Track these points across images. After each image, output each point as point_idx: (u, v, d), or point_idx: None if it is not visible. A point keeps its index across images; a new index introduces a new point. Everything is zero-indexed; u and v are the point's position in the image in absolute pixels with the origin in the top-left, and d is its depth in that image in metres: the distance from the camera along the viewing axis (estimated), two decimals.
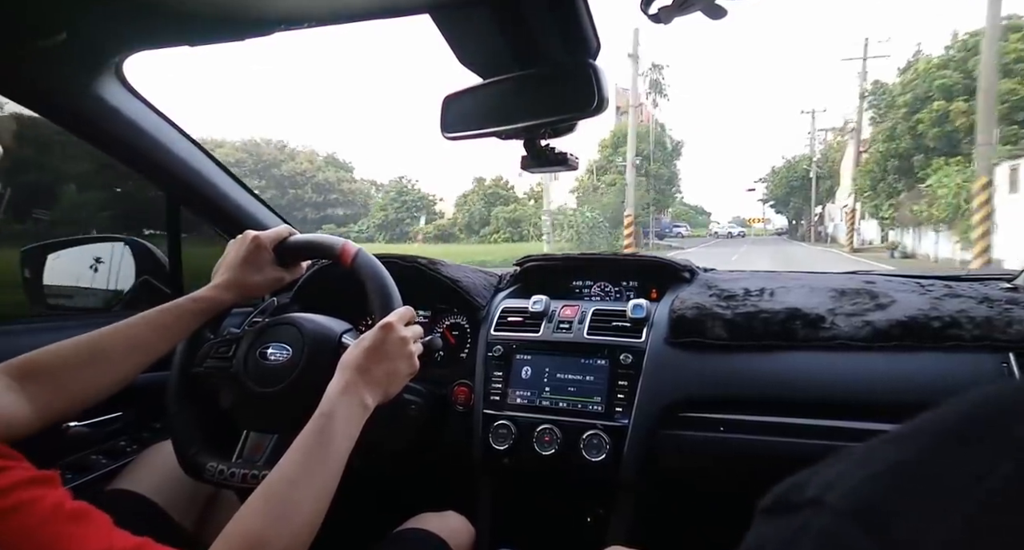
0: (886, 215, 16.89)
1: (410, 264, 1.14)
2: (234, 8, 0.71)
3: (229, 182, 1.19)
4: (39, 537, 0.42)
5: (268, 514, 0.55)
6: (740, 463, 0.92)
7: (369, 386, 0.67)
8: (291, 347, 0.78)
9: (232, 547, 0.52)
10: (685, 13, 0.58)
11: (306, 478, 0.59)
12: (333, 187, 33.71)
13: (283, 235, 0.83)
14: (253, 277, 0.80)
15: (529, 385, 1.04)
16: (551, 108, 0.72)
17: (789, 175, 36.49)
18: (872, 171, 17.84)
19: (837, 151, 32.26)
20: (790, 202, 38.51)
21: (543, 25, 0.66)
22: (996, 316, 0.87)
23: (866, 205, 18.81)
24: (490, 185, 30.78)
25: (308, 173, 32.95)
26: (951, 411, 0.24)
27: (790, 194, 37.20)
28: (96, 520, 0.46)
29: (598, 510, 1.04)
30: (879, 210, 17.66)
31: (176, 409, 0.80)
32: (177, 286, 1.18)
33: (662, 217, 37.24)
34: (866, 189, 18.31)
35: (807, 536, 0.22)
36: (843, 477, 0.23)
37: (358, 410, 0.66)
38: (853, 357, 0.89)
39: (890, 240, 17.83)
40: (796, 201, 37.36)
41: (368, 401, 0.67)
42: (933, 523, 0.20)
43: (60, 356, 0.65)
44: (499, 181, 31.14)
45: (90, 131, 0.99)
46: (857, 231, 22.49)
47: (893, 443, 0.24)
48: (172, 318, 0.74)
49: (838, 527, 0.21)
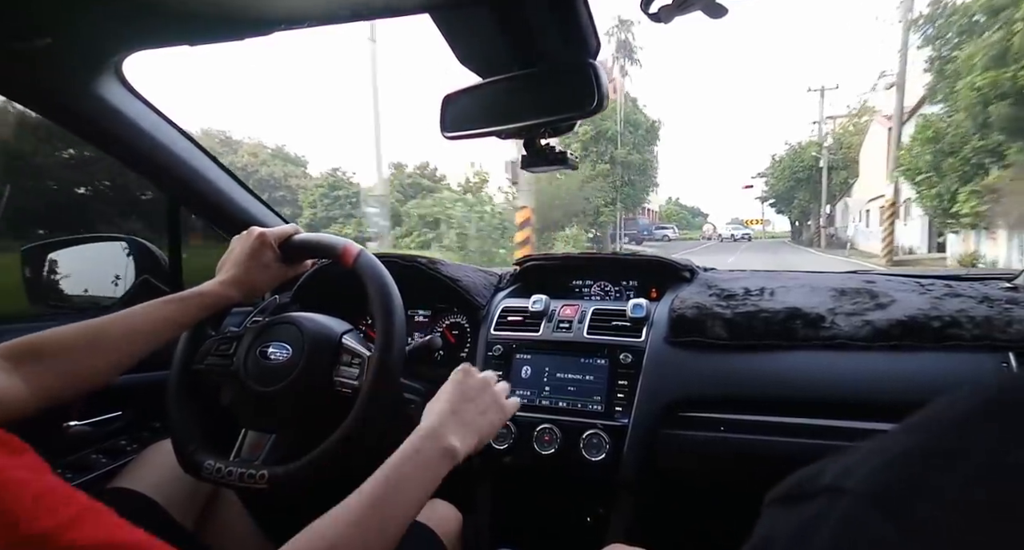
0: (965, 208, 9.49)
1: (410, 264, 1.14)
2: (234, 8, 0.71)
3: (229, 182, 1.19)
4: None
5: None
6: (740, 462, 0.92)
7: (459, 428, 0.64)
8: (291, 346, 0.78)
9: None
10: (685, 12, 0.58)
11: (369, 521, 0.54)
12: (279, 183, 28.20)
13: (288, 233, 0.83)
14: (258, 274, 0.80)
15: (529, 384, 1.04)
16: (551, 107, 0.72)
17: (793, 165, 29.59)
18: (937, 138, 10.23)
19: (855, 134, 26.73)
20: (794, 199, 31.42)
21: (543, 24, 0.66)
22: (996, 316, 0.87)
23: (923, 194, 11.14)
24: (412, 173, 23.28)
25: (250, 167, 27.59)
26: (964, 399, 0.24)
27: (794, 189, 30.22)
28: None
29: (598, 509, 1.04)
30: (944, 201, 10.29)
31: (176, 406, 0.80)
32: (177, 286, 1.18)
33: (639, 216, 32.49)
34: (921, 170, 10.79)
35: (825, 522, 0.22)
36: (860, 464, 0.24)
37: (441, 457, 0.61)
38: (853, 357, 0.89)
39: (960, 247, 11.42)
40: (802, 197, 30.51)
41: (456, 444, 0.63)
42: (950, 507, 0.20)
43: (58, 338, 0.64)
44: (425, 168, 23.82)
45: (90, 131, 0.99)
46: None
47: (909, 430, 0.25)
48: (175, 309, 0.73)
49: (858, 512, 0.22)
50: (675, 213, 55.02)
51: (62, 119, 0.96)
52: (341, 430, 0.71)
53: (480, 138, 0.78)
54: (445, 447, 0.62)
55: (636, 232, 30.18)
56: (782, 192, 31.85)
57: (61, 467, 0.93)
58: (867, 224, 21.51)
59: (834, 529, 0.22)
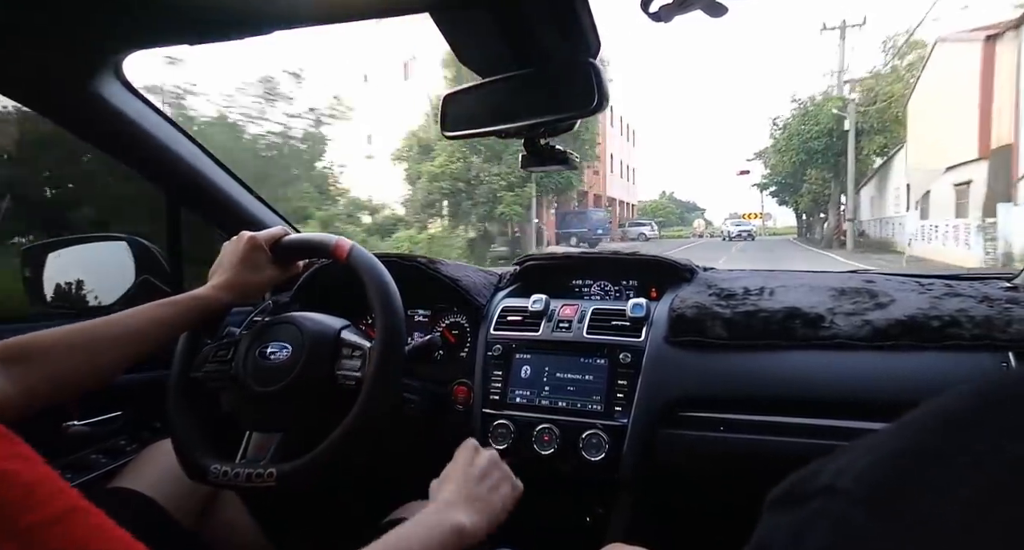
0: None
1: (410, 263, 1.14)
2: (234, 7, 0.71)
3: (229, 182, 1.19)
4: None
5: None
6: (739, 462, 0.92)
7: (467, 504, 0.63)
8: (291, 345, 0.78)
9: None
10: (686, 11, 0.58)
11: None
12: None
13: (278, 235, 0.83)
14: (251, 277, 0.80)
15: (528, 384, 1.04)
16: (551, 107, 0.72)
17: (803, 131, 20.26)
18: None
19: (895, 82, 18.76)
20: (802, 183, 22.69)
21: (543, 24, 0.66)
22: (996, 315, 0.87)
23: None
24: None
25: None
26: (953, 398, 0.24)
27: (805, 166, 21.05)
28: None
29: (597, 509, 1.04)
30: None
31: (177, 414, 0.80)
32: (177, 286, 1.18)
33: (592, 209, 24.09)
34: None
35: (820, 523, 0.22)
36: (853, 464, 0.24)
37: (446, 534, 0.59)
38: (852, 356, 0.89)
39: None
40: (814, 179, 21.59)
41: (462, 520, 0.61)
42: (938, 506, 0.20)
43: (47, 340, 0.64)
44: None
45: (90, 131, 0.99)
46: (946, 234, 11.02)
47: (898, 430, 0.25)
48: (169, 313, 0.73)
49: (850, 512, 0.22)
50: (662, 208, 49.11)
51: (62, 119, 0.97)
52: (346, 422, 0.71)
53: (481, 137, 0.78)
54: (454, 524, 0.61)
55: (587, 229, 21.51)
56: (786, 174, 23.16)
57: (61, 467, 0.93)
58: (925, 213, 13.82)
59: (827, 530, 0.22)
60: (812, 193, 22.53)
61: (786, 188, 24.88)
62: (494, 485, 0.68)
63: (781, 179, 24.30)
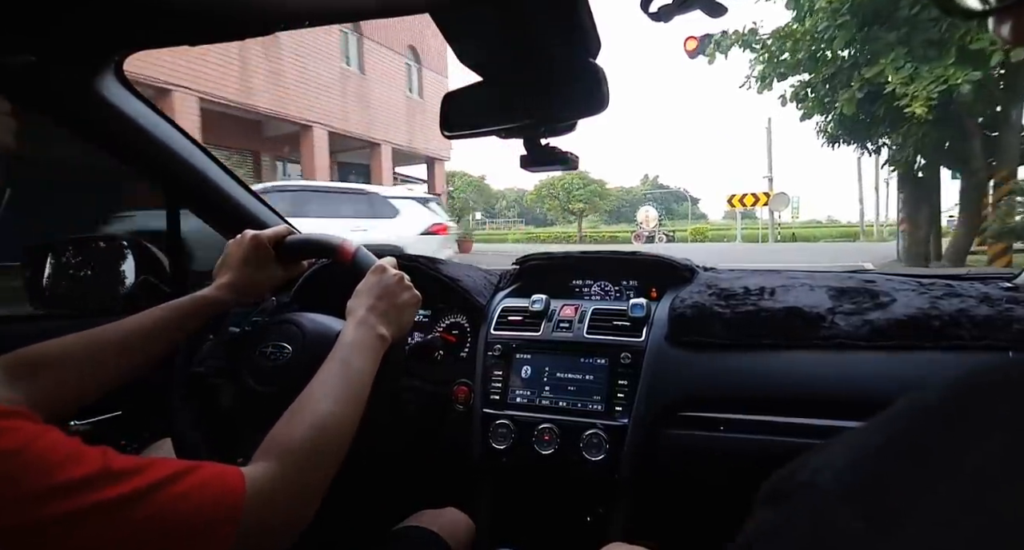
0: None
1: (410, 264, 1.14)
2: (234, 7, 0.71)
3: (229, 182, 1.19)
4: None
5: (293, 422, 0.56)
6: (740, 462, 0.92)
7: (381, 319, 0.70)
8: (292, 345, 0.78)
9: (264, 451, 0.53)
10: (686, 11, 0.58)
11: (330, 398, 0.60)
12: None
13: (282, 234, 0.83)
14: (255, 276, 0.80)
15: (529, 384, 1.04)
16: (551, 107, 0.72)
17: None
18: None
19: None
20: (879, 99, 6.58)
21: (543, 24, 0.66)
22: (996, 315, 0.87)
23: None
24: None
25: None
26: (934, 393, 0.24)
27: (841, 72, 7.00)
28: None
29: (598, 509, 1.05)
30: None
31: (178, 411, 0.79)
32: (177, 286, 1.18)
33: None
34: None
35: (801, 518, 0.22)
36: (831, 461, 0.24)
37: (375, 340, 0.68)
38: (853, 356, 0.89)
39: None
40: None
41: (383, 331, 0.70)
42: (918, 501, 0.20)
43: (56, 352, 0.64)
44: None
45: (90, 131, 0.99)
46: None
47: (879, 425, 0.25)
48: (176, 316, 0.73)
49: (828, 508, 0.22)
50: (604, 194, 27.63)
51: (62, 118, 0.96)
52: None
53: (481, 137, 0.78)
54: (378, 334, 0.69)
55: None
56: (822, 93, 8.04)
57: None
58: None
59: (806, 526, 0.22)
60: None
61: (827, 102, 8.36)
62: (399, 304, 0.74)
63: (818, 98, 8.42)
